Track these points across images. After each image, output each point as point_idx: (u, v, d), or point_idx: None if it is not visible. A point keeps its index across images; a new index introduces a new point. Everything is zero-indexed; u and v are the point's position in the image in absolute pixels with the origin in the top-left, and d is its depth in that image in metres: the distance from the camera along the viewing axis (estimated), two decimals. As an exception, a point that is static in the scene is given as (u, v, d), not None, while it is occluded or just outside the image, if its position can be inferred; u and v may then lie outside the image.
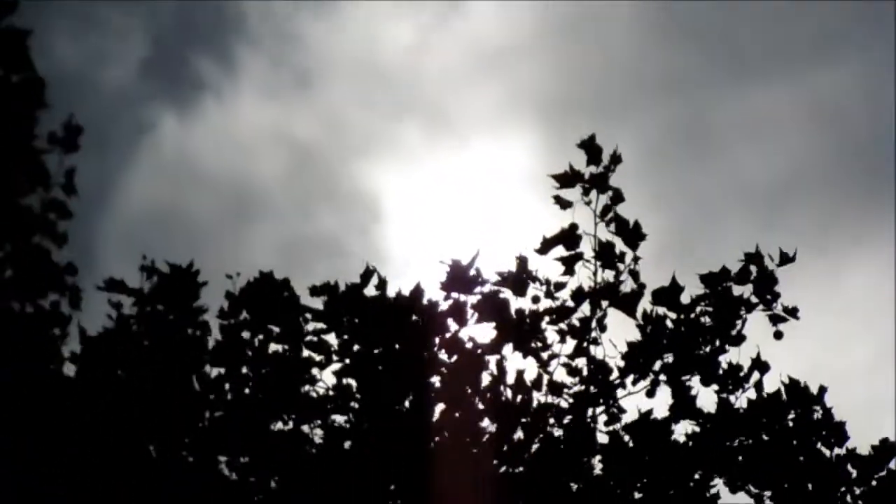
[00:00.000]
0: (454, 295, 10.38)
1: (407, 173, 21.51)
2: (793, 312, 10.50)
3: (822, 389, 10.41)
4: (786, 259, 10.48)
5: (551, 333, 10.62)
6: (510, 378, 10.52)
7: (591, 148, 10.66)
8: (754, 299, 10.57)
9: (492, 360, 10.48)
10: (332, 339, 10.17)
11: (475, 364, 10.16)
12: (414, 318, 10.14)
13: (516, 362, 10.62)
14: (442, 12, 21.30)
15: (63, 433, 8.92)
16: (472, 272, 10.41)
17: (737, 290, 10.59)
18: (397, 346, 10.05)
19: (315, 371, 10.12)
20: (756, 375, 10.47)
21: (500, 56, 21.44)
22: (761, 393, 10.38)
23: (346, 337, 10.07)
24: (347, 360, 10.04)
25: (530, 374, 10.56)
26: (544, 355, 10.53)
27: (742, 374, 10.45)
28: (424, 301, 10.24)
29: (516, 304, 10.62)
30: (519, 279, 10.64)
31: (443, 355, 10.24)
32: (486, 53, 21.32)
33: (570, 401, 10.52)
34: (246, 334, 10.04)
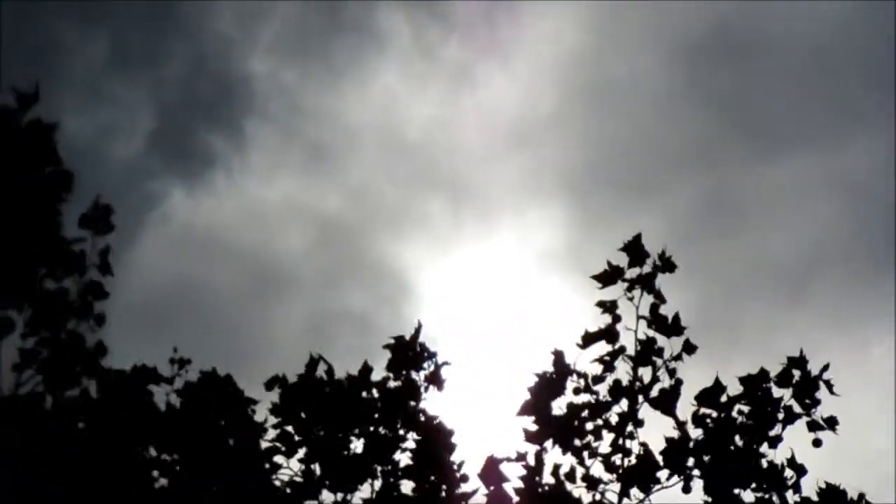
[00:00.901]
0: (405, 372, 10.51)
1: (432, 248, 21.51)
2: (832, 424, 10.38)
3: (861, 497, 10.25)
4: (824, 369, 10.43)
5: (588, 426, 10.66)
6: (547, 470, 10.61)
7: (635, 249, 10.70)
8: (795, 406, 10.48)
9: (531, 451, 10.58)
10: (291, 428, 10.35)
11: (441, 439, 10.23)
12: (364, 395, 10.27)
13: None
14: (461, 85, 21.33)
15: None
16: (418, 347, 10.53)
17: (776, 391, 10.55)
18: (354, 425, 10.21)
19: (280, 459, 10.28)
20: (792, 475, 10.37)
21: (522, 129, 21.41)
22: (799, 493, 10.26)
23: (302, 424, 10.25)
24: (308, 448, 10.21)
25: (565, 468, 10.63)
26: (580, 446, 10.56)
27: (783, 475, 10.36)
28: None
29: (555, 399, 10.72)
30: (558, 374, 10.71)
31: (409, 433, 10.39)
32: (507, 126, 21.29)
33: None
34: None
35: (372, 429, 10.43)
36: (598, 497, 10.52)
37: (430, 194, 22.04)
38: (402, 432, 10.47)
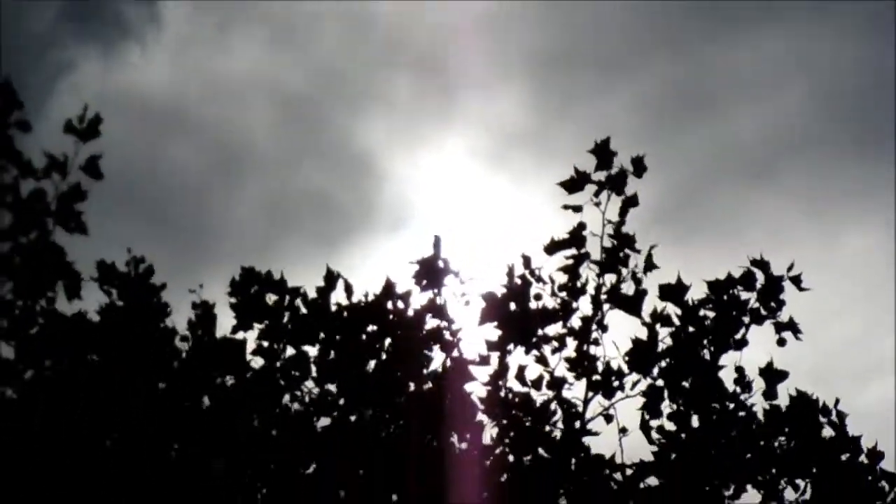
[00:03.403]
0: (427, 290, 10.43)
1: (396, 127, 21.27)
2: (793, 328, 10.45)
3: (835, 405, 10.36)
4: (789, 269, 10.47)
5: (553, 331, 10.68)
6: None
7: (603, 152, 10.64)
8: (762, 309, 10.52)
9: (493, 356, 10.60)
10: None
11: (460, 367, 10.26)
12: (390, 316, 10.24)
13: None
14: None
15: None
16: (440, 263, 10.45)
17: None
18: (374, 352, 10.17)
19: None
20: (762, 383, 10.45)
21: (491, 10, 21.12)
22: (774, 401, 10.35)
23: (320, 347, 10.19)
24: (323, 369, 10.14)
25: (531, 373, 10.66)
26: (546, 351, 10.59)
27: (748, 379, 10.43)
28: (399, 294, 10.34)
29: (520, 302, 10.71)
30: (523, 279, 10.70)
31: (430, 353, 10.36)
32: (477, 7, 20.96)
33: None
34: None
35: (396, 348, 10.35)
36: (563, 403, 10.57)
37: (394, 72, 21.80)
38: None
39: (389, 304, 10.39)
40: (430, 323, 10.40)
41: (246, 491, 9.49)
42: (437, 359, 10.41)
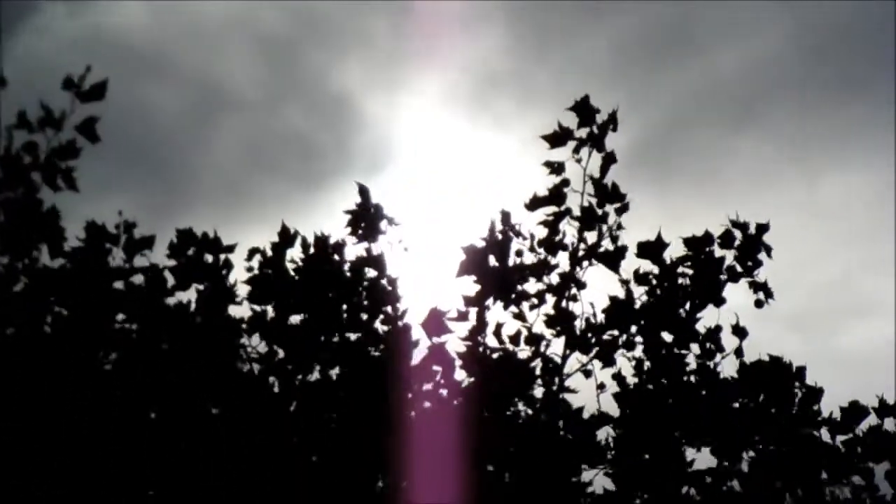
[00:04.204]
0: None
1: (376, 68, 21.08)
2: (766, 290, 10.54)
3: (802, 369, 10.45)
4: (762, 229, 10.52)
5: (532, 287, 10.72)
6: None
7: (583, 109, 10.66)
8: (737, 266, 10.61)
9: (472, 311, 10.62)
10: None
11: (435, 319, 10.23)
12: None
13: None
14: None
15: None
16: (372, 210, 10.39)
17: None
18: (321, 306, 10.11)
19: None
20: (735, 342, 10.54)
21: None
22: (742, 359, 10.45)
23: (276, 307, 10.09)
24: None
25: (509, 329, 10.69)
26: (525, 308, 10.62)
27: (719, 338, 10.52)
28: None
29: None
30: (503, 234, 10.72)
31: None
32: None
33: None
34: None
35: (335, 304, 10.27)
36: (541, 358, 10.62)
37: (372, 12, 21.60)
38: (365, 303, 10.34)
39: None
40: (369, 274, 10.31)
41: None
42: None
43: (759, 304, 10.56)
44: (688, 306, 10.53)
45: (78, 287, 9.68)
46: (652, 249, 10.50)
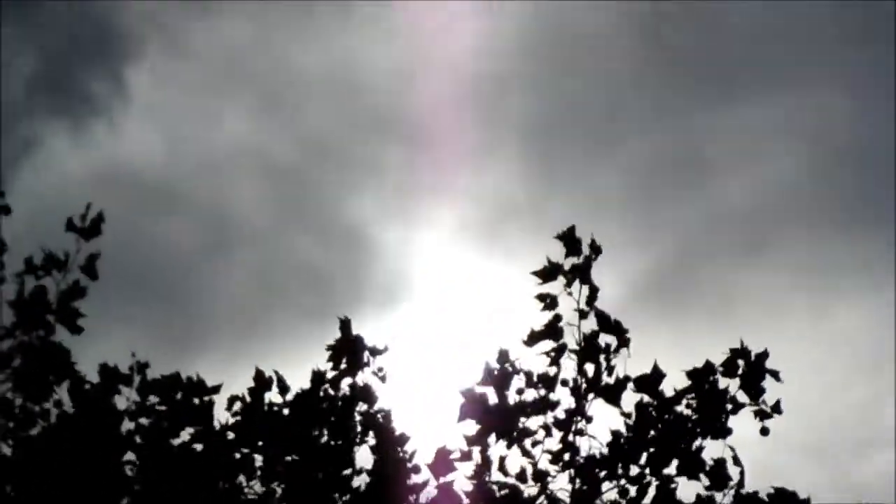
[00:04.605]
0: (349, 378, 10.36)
1: (388, 199, 21.20)
2: (777, 408, 10.32)
3: (806, 501, 10.20)
4: (763, 356, 10.33)
5: (535, 423, 10.58)
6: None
7: (570, 239, 10.60)
8: (741, 395, 10.41)
9: (475, 450, 10.49)
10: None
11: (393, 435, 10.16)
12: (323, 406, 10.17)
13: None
14: (421, 33, 20.92)
15: None
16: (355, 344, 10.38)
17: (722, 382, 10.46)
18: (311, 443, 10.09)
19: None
20: (737, 472, 10.31)
21: (483, 82, 21.10)
22: (741, 491, 10.21)
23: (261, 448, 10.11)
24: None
25: (513, 466, 10.54)
26: (528, 444, 10.47)
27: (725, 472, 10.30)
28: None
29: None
30: (502, 372, 10.60)
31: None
32: (469, 79, 20.96)
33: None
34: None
35: (328, 440, 10.26)
36: (550, 498, 10.46)
37: (384, 143, 21.79)
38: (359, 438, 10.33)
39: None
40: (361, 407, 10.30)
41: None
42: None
43: (764, 431, 10.33)
44: (688, 440, 10.33)
45: (90, 429, 9.81)
46: (648, 382, 10.34)
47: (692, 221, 21.01)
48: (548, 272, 10.62)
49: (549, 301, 10.63)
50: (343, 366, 10.35)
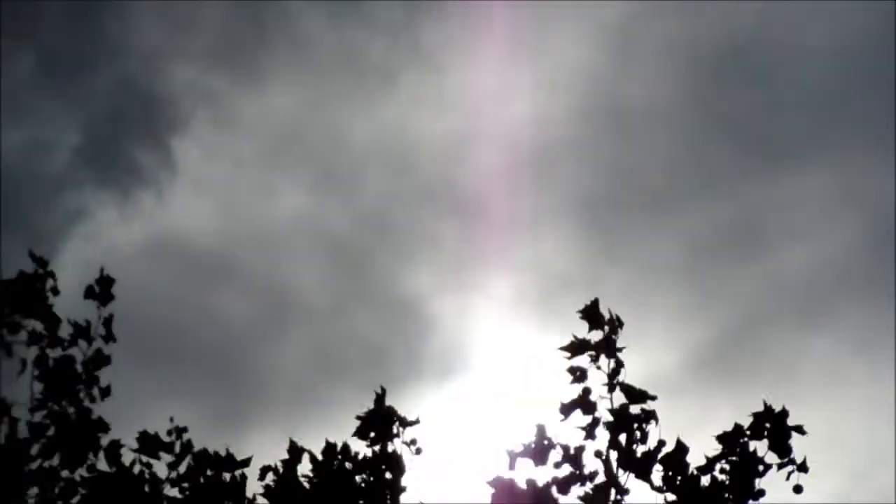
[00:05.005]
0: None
1: (444, 272, 21.32)
2: (803, 468, 10.47)
3: None
4: (784, 415, 10.52)
5: (571, 498, 10.79)
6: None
7: (592, 314, 10.86)
8: (770, 456, 10.57)
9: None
10: None
11: None
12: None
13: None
14: (477, 107, 21.13)
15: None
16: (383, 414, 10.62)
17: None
18: None
19: None
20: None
21: (538, 153, 21.26)
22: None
23: None
24: None
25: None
26: (564, 525, 10.68)
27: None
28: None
29: (536, 472, 10.85)
30: (539, 447, 10.86)
31: None
32: (523, 151, 21.10)
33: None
34: None
35: None
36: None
37: (439, 216, 22.03)
38: None
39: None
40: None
41: None
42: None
43: (798, 489, 10.47)
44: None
45: (130, 496, 10.20)
46: (673, 459, 10.53)
47: (751, 290, 21.07)
48: (576, 347, 10.89)
49: (578, 374, 10.90)
50: (372, 435, 10.61)
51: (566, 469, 10.85)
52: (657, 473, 10.65)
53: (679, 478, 10.51)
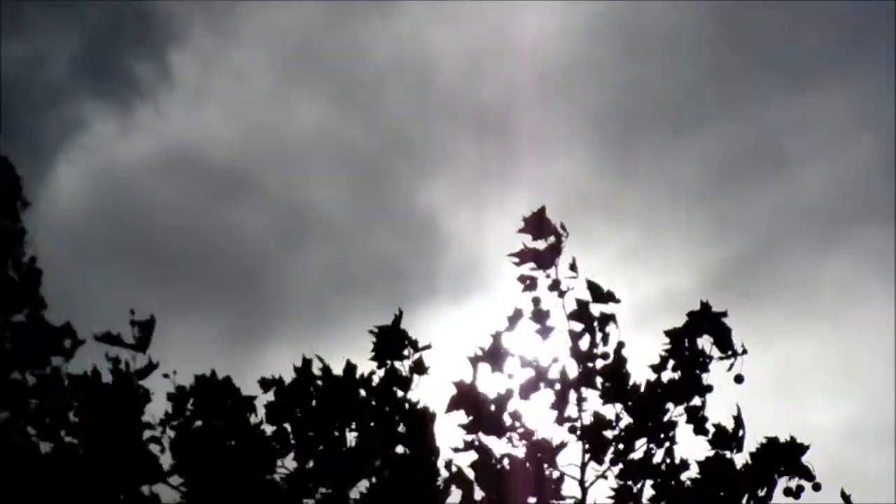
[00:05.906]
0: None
1: (459, 189, 21.22)
2: (739, 380, 10.75)
3: (803, 448, 10.53)
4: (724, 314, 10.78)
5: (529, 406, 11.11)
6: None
7: (538, 224, 11.12)
8: (715, 351, 10.83)
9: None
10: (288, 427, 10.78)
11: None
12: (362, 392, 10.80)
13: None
14: (498, 21, 20.95)
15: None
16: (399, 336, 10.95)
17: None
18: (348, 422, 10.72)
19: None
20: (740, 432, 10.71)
21: (558, 72, 21.14)
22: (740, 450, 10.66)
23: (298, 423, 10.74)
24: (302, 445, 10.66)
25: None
26: (515, 436, 10.98)
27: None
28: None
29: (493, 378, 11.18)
30: (495, 354, 11.17)
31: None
32: (545, 69, 21.00)
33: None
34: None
35: (364, 423, 10.89)
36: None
37: (457, 132, 22.01)
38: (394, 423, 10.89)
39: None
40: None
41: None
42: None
43: (738, 379, 10.76)
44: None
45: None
46: (612, 370, 10.89)
47: (770, 211, 21.05)
48: (524, 256, 11.16)
49: (528, 283, 11.18)
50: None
51: (528, 375, 11.15)
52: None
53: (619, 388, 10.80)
